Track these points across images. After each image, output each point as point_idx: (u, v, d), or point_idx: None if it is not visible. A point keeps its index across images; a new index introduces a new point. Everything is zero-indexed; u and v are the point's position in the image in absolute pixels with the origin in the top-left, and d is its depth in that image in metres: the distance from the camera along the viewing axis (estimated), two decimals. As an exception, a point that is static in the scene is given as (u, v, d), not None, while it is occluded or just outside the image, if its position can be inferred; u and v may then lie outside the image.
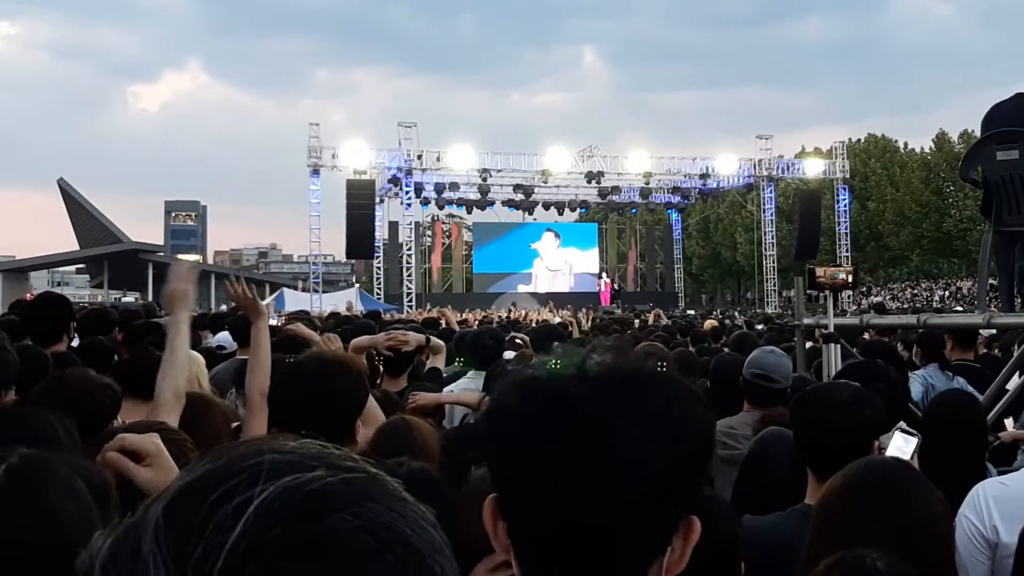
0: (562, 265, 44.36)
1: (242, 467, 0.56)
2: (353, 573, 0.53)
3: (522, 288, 42.04)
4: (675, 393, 0.98)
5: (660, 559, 0.95)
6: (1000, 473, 3.14)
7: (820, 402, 2.60)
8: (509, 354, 5.77)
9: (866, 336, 7.30)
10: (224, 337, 6.74)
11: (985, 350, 7.09)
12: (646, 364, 1.02)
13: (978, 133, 5.34)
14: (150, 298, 47.34)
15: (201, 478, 0.56)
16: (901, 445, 2.37)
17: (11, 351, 2.39)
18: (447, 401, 4.15)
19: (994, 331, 6.69)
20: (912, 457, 2.33)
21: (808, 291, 5.65)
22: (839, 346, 5.00)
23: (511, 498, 0.96)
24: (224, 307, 30.93)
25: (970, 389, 4.52)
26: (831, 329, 5.21)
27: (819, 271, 5.33)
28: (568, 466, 0.91)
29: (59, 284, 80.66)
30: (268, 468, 0.55)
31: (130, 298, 54.55)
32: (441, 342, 5.21)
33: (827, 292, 5.41)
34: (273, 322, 11.56)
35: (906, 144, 60.25)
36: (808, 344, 6.38)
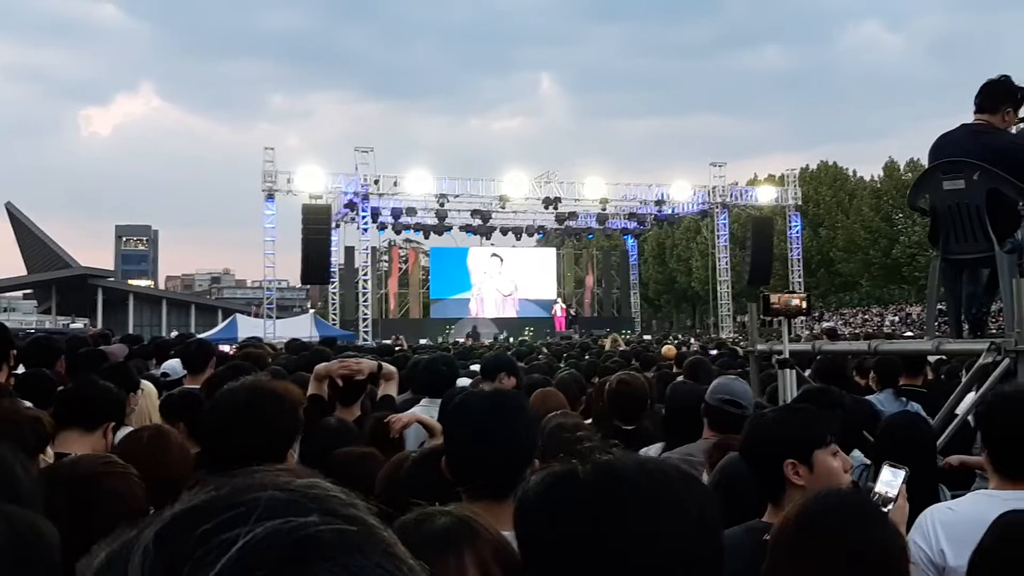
0: (511, 292, 44.39)
1: (240, 500, 0.55)
2: None
3: (469, 315, 41.98)
4: (690, 492, 1.09)
5: None
6: (953, 497, 3.19)
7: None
8: (464, 381, 5.74)
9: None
10: (170, 365, 6.62)
11: (931, 375, 7.21)
12: (661, 462, 1.16)
13: (925, 162, 5.44)
14: (99, 324, 46.45)
15: (200, 506, 0.56)
16: (889, 479, 2.37)
17: None
18: (425, 422, 4.11)
19: (942, 357, 6.81)
20: (899, 491, 2.32)
21: (763, 317, 5.71)
22: (794, 372, 5.05)
23: (538, 570, 1.08)
24: (174, 333, 30.45)
25: (924, 415, 4.59)
26: (786, 355, 5.26)
27: (773, 298, 5.38)
28: (576, 557, 1.02)
29: (6, 310, 78.94)
30: (264, 506, 0.55)
31: (79, 324, 53.49)
32: (393, 368, 5.17)
33: (782, 318, 5.46)
34: (226, 349, 11.42)
35: (855, 172, 61.59)
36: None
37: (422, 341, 28.35)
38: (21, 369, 4.89)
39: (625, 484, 1.04)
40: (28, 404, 2.79)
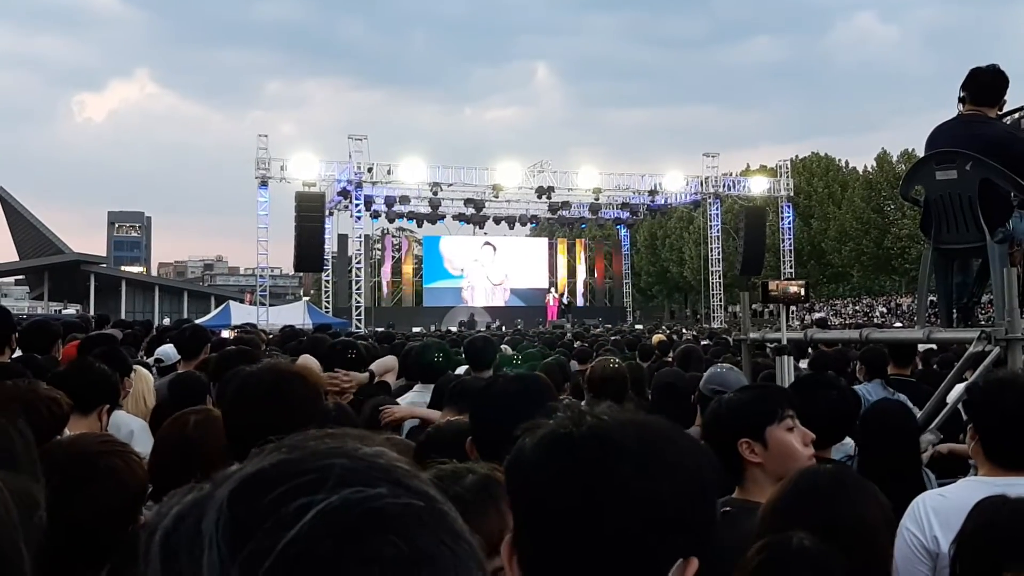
0: (502, 281, 44.42)
1: (313, 466, 0.57)
2: None
3: (461, 303, 42.04)
4: (683, 447, 1.08)
5: None
6: (940, 485, 3.21)
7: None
8: (460, 370, 5.75)
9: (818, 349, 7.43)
10: (164, 351, 6.62)
11: (921, 366, 7.25)
12: (649, 417, 1.13)
13: (919, 153, 5.46)
14: (91, 310, 46.30)
15: (273, 467, 0.57)
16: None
17: None
18: (420, 415, 4.12)
19: (932, 346, 6.85)
20: None
21: (761, 304, 5.73)
22: (791, 359, 5.07)
23: (530, 542, 1.05)
24: (167, 320, 30.40)
25: (911, 405, 4.62)
26: (784, 342, 5.27)
27: (772, 284, 5.38)
28: (575, 515, 1.00)
29: (-4, 295, 78.57)
30: (337, 474, 0.56)
31: (71, 310, 53.31)
32: (392, 359, 5.21)
33: (780, 305, 5.47)
34: (226, 335, 11.42)
35: (847, 163, 61.62)
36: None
37: (415, 329, 28.38)
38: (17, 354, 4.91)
39: (622, 444, 1.02)
40: (42, 386, 2.77)
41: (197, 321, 20.44)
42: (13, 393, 2.62)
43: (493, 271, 44.32)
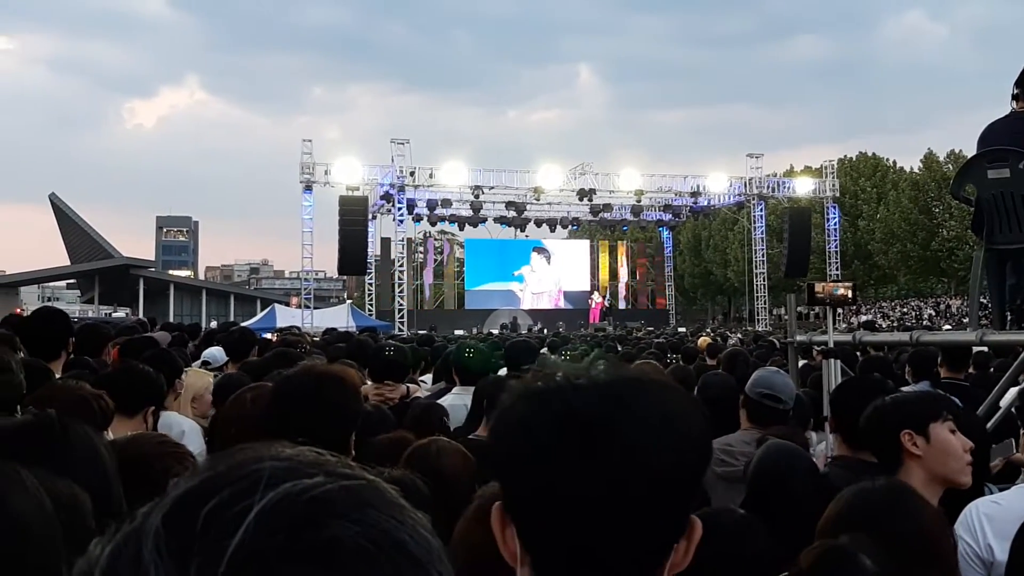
0: (551, 284, 44.40)
1: (241, 474, 0.56)
2: None
3: (511, 305, 42.10)
4: (674, 397, 1.02)
5: (667, 559, 0.98)
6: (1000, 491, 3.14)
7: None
8: (503, 371, 5.76)
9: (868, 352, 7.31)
10: (211, 353, 6.70)
11: (975, 370, 7.10)
12: (644, 372, 1.06)
13: (967, 153, 5.36)
14: (140, 314, 47.12)
15: (200, 485, 0.56)
16: None
17: (19, 373, 2.37)
18: None
19: (986, 349, 6.70)
20: None
21: (808, 307, 5.65)
22: (839, 362, 4.98)
23: (521, 506, 0.98)
24: (214, 323, 30.83)
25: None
26: (831, 345, 5.19)
27: (818, 286, 5.30)
28: (578, 472, 0.94)
29: (49, 299, 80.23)
30: (268, 474, 0.55)
31: (120, 313, 54.33)
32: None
33: (827, 307, 5.37)
34: (268, 337, 11.55)
35: (895, 163, 60.66)
36: (802, 362, 6.38)
37: (457, 332, 28.47)
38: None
39: (620, 396, 0.97)
40: (87, 385, 2.83)
41: (243, 324, 20.69)
42: (64, 391, 2.67)
43: (547, 275, 44.35)
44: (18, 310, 32.61)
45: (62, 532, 1.16)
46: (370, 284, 37.82)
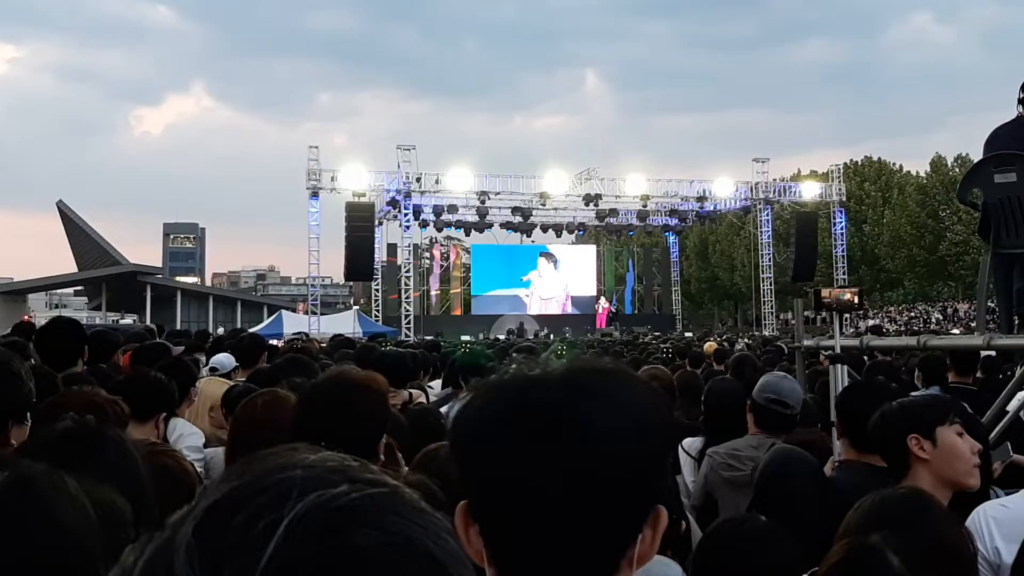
0: (558, 290, 44.36)
1: (270, 483, 0.57)
2: None
3: (517, 311, 42.08)
4: (635, 386, 1.01)
5: (632, 548, 0.97)
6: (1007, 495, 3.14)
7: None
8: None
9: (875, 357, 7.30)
10: (218, 360, 6.73)
11: (983, 374, 7.09)
12: (605, 362, 1.05)
13: (974, 157, 5.37)
14: (148, 320, 47.25)
15: (229, 495, 0.57)
16: None
17: (28, 381, 2.39)
18: None
19: (991, 354, 6.69)
20: None
21: (814, 312, 5.65)
22: (846, 367, 4.99)
23: (482, 500, 0.97)
24: (221, 329, 30.89)
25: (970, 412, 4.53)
26: (838, 350, 5.19)
27: (824, 292, 5.31)
28: (537, 462, 0.93)
29: (57, 306, 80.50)
30: (298, 485, 0.57)
31: (128, 320, 54.44)
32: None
33: (833, 313, 5.38)
34: (275, 343, 11.58)
35: (901, 167, 60.53)
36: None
37: (464, 337, 28.48)
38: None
39: (585, 386, 0.96)
40: (102, 391, 2.87)
41: (250, 330, 20.74)
42: (79, 397, 2.71)
43: (554, 280, 44.30)
44: (26, 317, 32.74)
45: (103, 539, 1.18)
46: (376, 290, 37.85)
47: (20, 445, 2.20)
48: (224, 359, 6.63)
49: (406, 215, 35.95)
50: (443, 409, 4.85)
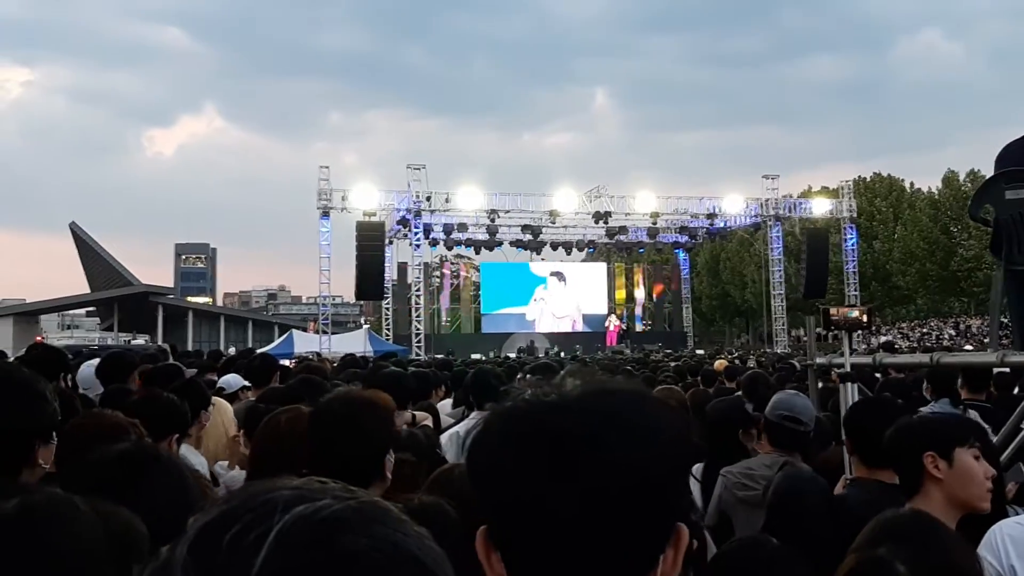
0: (569, 308, 44.31)
1: (258, 502, 0.62)
2: None
3: (527, 329, 42.05)
4: (645, 403, 1.01)
5: (655, 569, 0.96)
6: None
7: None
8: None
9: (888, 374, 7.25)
10: (226, 380, 6.74)
11: (996, 391, 7.05)
12: (617, 382, 1.05)
13: (986, 173, 5.37)
14: (159, 340, 47.39)
15: (220, 515, 0.61)
16: None
17: (53, 402, 2.42)
18: None
19: (1005, 371, 6.65)
20: None
21: (822, 330, 5.63)
22: (856, 386, 4.97)
23: (502, 525, 0.97)
24: (232, 349, 30.96)
25: (982, 423, 4.50)
26: (847, 368, 5.18)
27: (833, 310, 5.29)
28: (550, 487, 0.93)
29: (69, 327, 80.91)
30: (283, 501, 0.61)
31: (140, 340, 54.66)
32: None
33: (843, 331, 5.37)
34: (286, 363, 11.59)
35: (912, 183, 60.42)
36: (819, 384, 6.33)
37: (475, 356, 28.46)
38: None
39: (601, 410, 0.96)
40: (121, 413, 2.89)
41: (261, 350, 20.77)
42: (101, 419, 2.73)
43: (564, 298, 44.25)
44: (39, 338, 32.89)
45: (116, 562, 1.21)
46: (387, 309, 37.92)
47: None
48: (231, 379, 6.64)
49: (416, 234, 36.06)
50: (458, 428, 4.85)
